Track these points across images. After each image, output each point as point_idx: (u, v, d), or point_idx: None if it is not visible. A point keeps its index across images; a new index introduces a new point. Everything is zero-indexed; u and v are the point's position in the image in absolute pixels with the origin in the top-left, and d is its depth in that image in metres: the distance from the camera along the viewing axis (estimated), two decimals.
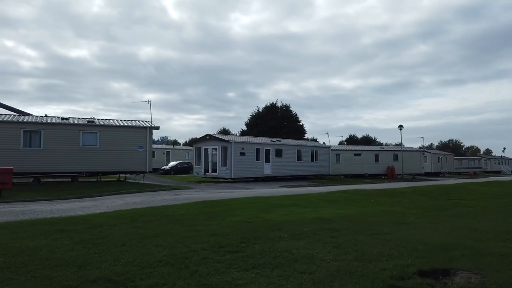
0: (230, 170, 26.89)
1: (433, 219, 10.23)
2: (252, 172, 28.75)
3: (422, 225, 8.86)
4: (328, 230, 7.27)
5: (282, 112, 60.68)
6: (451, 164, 57.02)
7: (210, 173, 28.10)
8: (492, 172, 72.01)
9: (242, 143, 27.99)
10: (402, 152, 39.74)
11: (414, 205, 13.47)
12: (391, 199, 15.10)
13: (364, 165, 39.67)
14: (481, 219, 10.90)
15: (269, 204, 10.92)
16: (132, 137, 20.73)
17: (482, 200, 17.40)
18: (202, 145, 28.82)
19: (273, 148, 30.50)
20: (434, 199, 16.59)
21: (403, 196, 16.47)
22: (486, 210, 13.61)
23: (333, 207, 11.40)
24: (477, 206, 14.87)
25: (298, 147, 33.30)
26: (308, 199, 12.77)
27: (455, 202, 16.13)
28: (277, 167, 30.63)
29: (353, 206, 11.92)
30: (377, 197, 15.43)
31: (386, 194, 16.76)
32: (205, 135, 28.41)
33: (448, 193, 19.67)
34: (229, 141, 26.89)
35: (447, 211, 12.58)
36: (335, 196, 14.42)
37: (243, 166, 27.70)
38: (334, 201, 12.74)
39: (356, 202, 12.99)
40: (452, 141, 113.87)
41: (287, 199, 12.18)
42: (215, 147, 27.90)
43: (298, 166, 32.87)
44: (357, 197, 14.74)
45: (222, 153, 27.49)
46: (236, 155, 27.21)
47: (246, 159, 28.06)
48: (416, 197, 16.86)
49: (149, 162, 20.95)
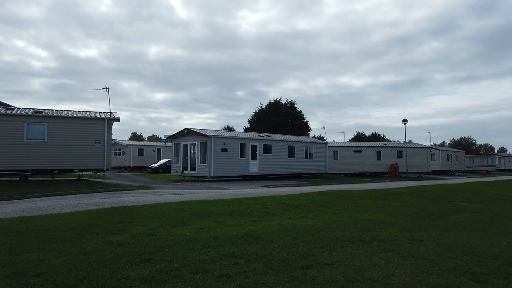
0: (209, 168, 24.24)
1: (420, 233, 7.42)
2: (236, 170, 26.06)
3: (397, 245, 6.09)
4: (233, 260, 4.56)
5: (286, 109, 58.25)
6: (461, 162, 53.49)
7: (189, 171, 25.49)
8: (507, 170, 68.13)
9: (223, 138, 25.31)
10: (406, 149, 36.60)
11: (403, 211, 10.64)
12: (377, 202, 12.26)
13: (364, 163, 36.64)
14: (488, 233, 8.06)
15: (200, 211, 8.22)
16: (88, 130, 18.16)
17: (492, 203, 14.44)
18: (181, 141, 26.23)
19: (261, 144, 27.76)
20: (432, 202, 13.70)
21: (395, 199, 13.61)
22: (495, 217, 10.73)
23: (289, 214, 8.66)
24: (484, 211, 11.98)
25: (290, 143, 30.47)
26: (267, 203, 10.04)
27: (458, 206, 13.23)
28: (265, 165, 27.89)
29: (319, 213, 9.16)
30: (361, 199, 12.61)
31: (376, 196, 13.91)
32: (184, 129, 25.80)
33: (452, 194, 16.70)
34: (208, 136, 24.24)
35: (443, 220, 9.74)
36: (306, 198, 11.66)
37: (224, 164, 25.03)
38: (299, 206, 9.99)
39: (329, 207, 10.21)
40: (465, 139, 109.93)
41: (235, 204, 9.46)
42: (194, 143, 25.28)
43: (289, 164, 30.06)
44: (335, 200, 11.95)
45: (201, 149, 24.86)
46: (216, 151, 24.55)
47: (229, 156, 25.38)
48: (411, 199, 13.98)
49: (107, 159, 18.35)
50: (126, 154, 43.15)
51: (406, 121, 36.09)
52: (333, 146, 36.29)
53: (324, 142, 34.55)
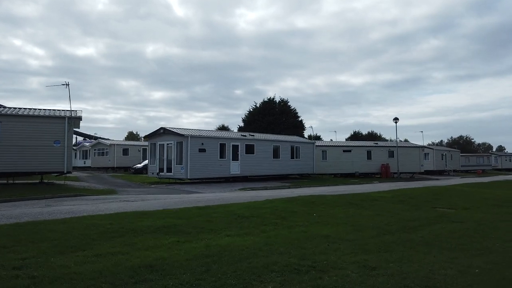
0: (185, 169, 22.94)
1: (378, 255, 6.15)
2: (215, 171, 24.77)
3: (340, 276, 4.81)
4: None
5: (280, 107, 57.16)
6: (456, 161, 52.27)
7: (165, 173, 24.19)
8: (504, 169, 67.02)
9: (201, 138, 24.00)
10: (397, 148, 35.34)
11: (372, 222, 9.36)
12: (348, 210, 10.98)
13: (354, 163, 35.37)
14: (463, 251, 6.81)
15: (120, 228, 6.92)
16: (46, 130, 16.83)
17: (478, 209, 13.16)
18: (157, 140, 24.91)
19: (243, 144, 26.46)
20: (413, 209, 12.42)
21: (370, 206, 12.34)
22: (477, 228, 9.45)
23: (231, 230, 7.36)
24: (467, 220, 10.71)
25: (275, 143, 29.19)
26: (214, 214, 8.76)
27: (441, 213, 11.96)
28: (247, 166, 26.60)
29: (270, 227, 7.88)
30: (331, 207, 11.34)
31: (350, 202, 12.63)
32: (159, 128, 24.49)
33: (437, 199, 15.43)
34: (184, 136, 22.92)
35: (416, 233, 8.47)
36: (268, 207, 10.38)
37: (202, 165, 23.74)
38: (252, 218, 8.70)
39: (286, 219, 8.92)
40: (463, 138, 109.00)
41: (173, 217, 8.16)
42: (170, 143, 23.97)
43: (274, 165, 28.78)
44: (300, 208, 10.67)
45: (177, 149, 23.55)
46: (193, 151, 23.24)
47: (207, 157, 24.08)
48: (389, 206, 12.71)
49: (68, 161, 17.01)
50: (110, 154, 41.84)
51: (397, 119, 34.84)
52: (322, 146, 35.03)
53: (312, 141, 33.30)
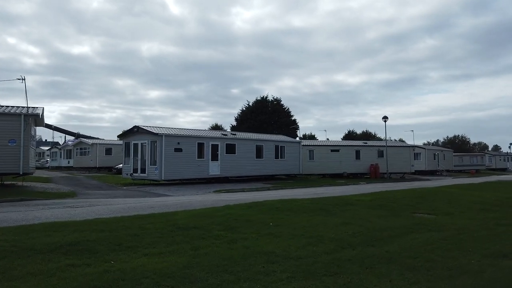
0: (159, 170, 21.70)
1: (313, 283, 4.97)
2: (192, 172, 23.54)
3: None
4: None
5: (273, 106, 56.18)
6: (449, 161, 51.26)
7: (139, 173, 22.94)
8: (498, 169, 66.12)
9: (177, 137, 22.75)
10: (386, 148, 34.22)
11: (335, 233, 8.19)
12: (314, 218, 9.80)
13: (342, 163, 34.21)
14: (430, 271, 5.66)
15: None
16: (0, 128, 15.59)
17: (462, 214, 12.02)
18: (132, 139, 23.65)
19: (223, 143, 25.24)
20: (389, 215, 11.27)
21: (343, 211, 11.17)
22: (455, 239, 8.32)
23: (154, 248, 6.16)
24: (447, 228, 9.58)
25: (258, 142, 27.99)
26: (148, 226, 7.56)
27: (419, 220, 10.81)
28: (228, 166, 25.39)
29: (209, 243, 6.69)
30: (297, 214, 10.16)
31: (321, 208, 11.46)
32: (133, 126, 23.25)
33: (420, 202, 14.28)
34: (157, 134, 21.68)
35: (383, 246, 7.32)
36: (221, 215, 9.20)
37: (178, 165, 22.50)
38: (194, 229, 7.53)
39: (235, 231, 7.74)
40: (458, 137, 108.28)
41: (96, 230, 6.94)
42: (144, 142, 22.72)
43: (257, 165, 27.59)
44: (260, 215, 9.49)
45: (151, 149, 22.31)
46: (168, 151, 22.01)
47: (184, 157, 22.85)
48: (364, 212, 11.54)
49: (24, 161, 15.73)
50: (92, 153, 40.50)
51: (386, 118, 33.70)
52: (309, 146, 33.86)
53: (298, 141, 32.14)
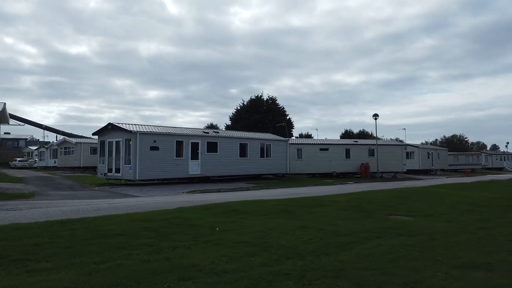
0: (134, 169, 20.65)
1: None
2: (170, 172, 22.50)
3: None
4: None
5: (267, 105, 55.31)
6: (444, 160, 50.31)
7: (113, 173, 21.89)
8: (494, 169, 65.18)
9: (153, 135, 21.71)
10: (377, 146, 33.22)
11: (285, 240, 7.20)
12: (273, 220, 8.80)
13: (332, 162, 33.19)
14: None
15: None
16: None
17: (443, 216, 11.02)
18: (107, 138, 22.60)
19: (203, 141, 24.21)
20: (362, 217, 10.27)
21: (308, 213, 10.18)
22: (426, 245, 7.33)
23: (39, 263, 5.13)
24: (422, 232, 8.60)
25: (241, 140, 26.97)
26: (61, 233, 6.54)
27: (394, 222, 9.82)
28: (209, 165, 24.35)
29: (123, 254, 5.68)
30: (255, 216, 9.17)
31: (286, 209, 10.46)
32: (107, 124, 22.20)
33: (400, 203, 13.28)
34: (132, 132, 20.63)
35: (338, 254, 6.34)
36: (162, 219, 8.21)
37: (154, 164, 21.46)
38: (119, 236, 6.51)
39: (168, 238, 6.75)
40: (456, 137, 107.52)
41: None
42: (118, 140, 21.68)
43: (241, 164, 26.55)
44: (210, 219, 8.49)
45: (126, 147, 21.28)
46: (143, 149, 20.97)
47: (161, 155, 21.81)
48: (334, 213, 10.55)
49: None
50: (76, 153, 39.44)
51: (377, 116, 32.72)
52: (297, 144, 32.86)
53: (285, 139, 31.10)
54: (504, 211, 12.25)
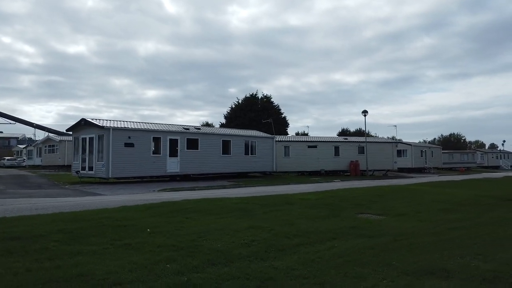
0: (106, 167, 19.77)
1: None
2: (146, 169, 21.61)
3: None
4: None
5: (262, 104, 54.47)
6: (438, 158, 49.47)
7: (86, 171, 21.01)
8: (490, 167, 64.35)
9: (128, 131, 20.81)
10: (366, 144, 32.37)
11: (221, 242, 6.37)
12: (223, 220, 7.97)
13: (320, 160, 32.33)
14: None
15: None
16: None
17: (417, 215, 10.18)
18: (80, 134, 21.72)
19: (183, 138, 23.33)
20: (327, 217, 9.44)
21: (268, 211, 9.35)
22: (385, 250, 6.53)
23: None
24: (386, 233, 7.84)
25: (224, 137, 26.10)
26: None
27: (361, 221, 9.00)
28: (189, 163, 23.49)
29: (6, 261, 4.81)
30: (206, 215, 8.33)
31: (244, 207, 9.62)
32: (80, 119, 21.31)
33: (374, 202, 12.45)
34: (104, 127, 19.74)
35: (280, 259, 5.53)
36: (102, 216, 7.37)
37: (129, 162, 20.58)
38: (21, 238, 5.64)
39: (78, 241, 5.88)
40: (454, 135, 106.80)
41: None
42: (92, 136, 20.79)
43: (224, 162, 25.69)
44: (149, 219, 7.66)
45: (98, 144, 20.39)
46: (117, 146, 20.08)
47: (136, 152, 20.93)
48: (298, 212, 9.71)
49: None
50: (60, 151, 38.52)
51: (366, 112, 31.88)
52: (284, 141, 31.98)
53: (271, 136, 30.19)
54: (485, 210, 11.43)
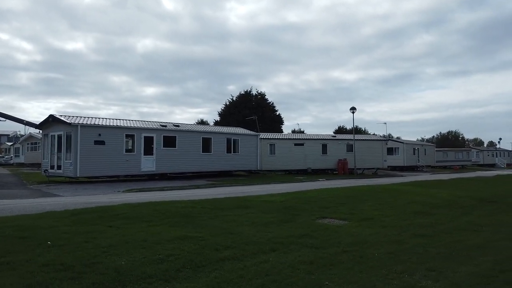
0: (74, 165, 18.81)
1: None
2: (119, 168, 20.64)
3: None
4: None
5: (257, 101, 53.57)
6: (431, 156, 48.52)
7: (55, 170, 20.05)
8: (486, 165, 63.44)
9: (98, 127, 19.82)
10: (354, 141, 31.42)
11: (123, 259, 5.44)
12: (151, 229, 7.04)
13: (308, 158, 31.39)
14: None
15: None
16: None
17: (385, 219, 9.26)
18: (49, 131, 20.75)
19: (159, 135, 22.35)
20: (282, 221, 8.53)
21: (217, 217, 8.43)
22: (325, 264, 5.58)
23: None
24: (340, 243, 6.90)
25: (205, 134, 25.13)
26: None
27: (316, 227, 8.10)
28: (166, 161, 22.53)
29: None
30: (133, 223, 7.40)
31: (186, 213, 8.68)
32: (48, 116, 20.32)
33: (345, 203, 11.52)
34: (71, 124, 18.76)
35: (187, 282, 4.54)
36: (12, 224, 6.41)
37: (99, 160, 19.61)
38: None
39: None
40: (452, 133, 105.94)
41: None
42: (60, 133, 19.82)
43: (204, 160, 24.73)
44: (63, 228, 6.71)
45: (66, 141, 19.42)
46: (86, 144, 19.11)
47: (107, 150, 19.95)
48: (250, 216, 8.80)
49: None
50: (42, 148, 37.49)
51: (354, 109, 30.88)
52: (269, 139, 30.99)
53: (256, 133, 29.22)
54: (461, 214, 10.51)
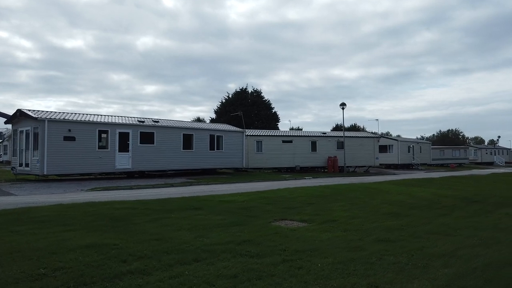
0: (41, 162, 17.81)
1: None
2: (91, 165, 19.61)
3: None
4: None
5: (252, 98, 52.66)
6: (427, 154, 47.44)
7: (23, 167, 19.06)
8: (484, 163, 62.39)
9: (67, 122, 18.78)
10: (344, 138, 30.37)
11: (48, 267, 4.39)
12: (61, 234, 6.06)
13: (296, 156, 30.37)
14: None
15: None
16: None
17: (349, 221, 8.25)
18: (18, 126, 19.75)
19: (136, 131, 21.33)
20: (231, 225, 7.56)
21: (157, 219, 7.43)
22: (249, 279, 4.53)
23: None
24: (283, 250, 5.89)
25: (186, 131, 24.10)
26: None
27: (266, 231, 7.08)
28: (142, 159, 21.51)
29: None
30: (46, 227, 6.41)
31: (116, 215, 7.67)
32: (16, 111, 19.32)
33: (313, 203, 10.54)
34: (38, 119, 17.76)
35: None
36: None
37: (69, 157, 18.59)
38: None
39: None
40: (451, 131, 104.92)
41: None
42: (27, 129, 18.83)
43: (185, 158, 23.72)
44: None
45: (33, 137, 18.43)
46: (54, 140, 18.10)
47: (78, 147, 18.93)
48: (198, 218, 7.83)
49: None
50: None
51: (344, 105, 29.87)
52: (256, 136, 29.96)
53: (241, 130, 28.19)
54: (437, 215, 9.50)
